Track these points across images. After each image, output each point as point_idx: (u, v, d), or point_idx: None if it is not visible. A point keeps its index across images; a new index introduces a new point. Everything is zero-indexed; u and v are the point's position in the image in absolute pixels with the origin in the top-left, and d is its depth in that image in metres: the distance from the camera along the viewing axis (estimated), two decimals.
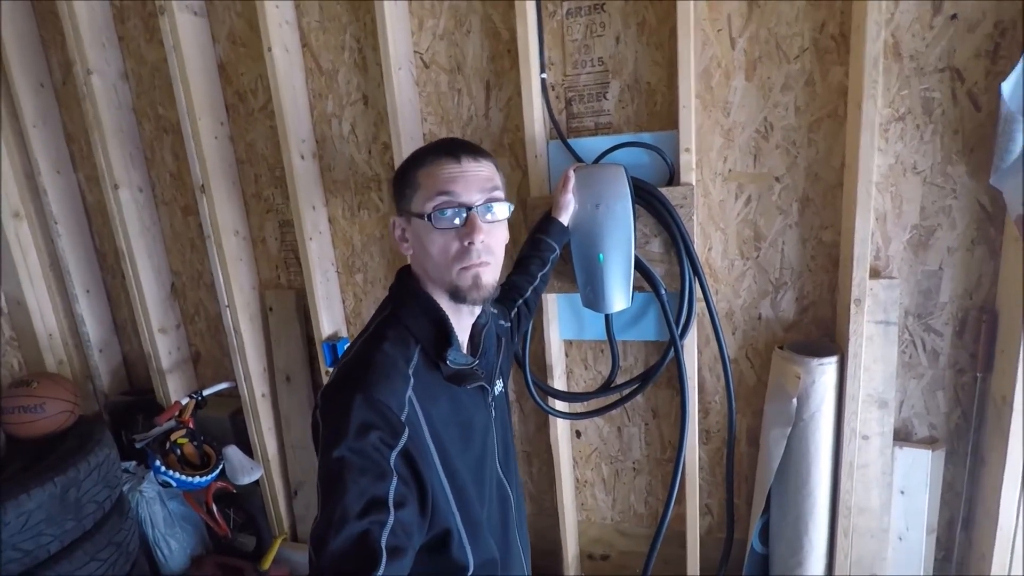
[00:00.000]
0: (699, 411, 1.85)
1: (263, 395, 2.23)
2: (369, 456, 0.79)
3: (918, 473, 1.69)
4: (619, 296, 1.65)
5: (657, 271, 1.70)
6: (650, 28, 1.66)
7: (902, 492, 1.72)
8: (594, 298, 1.68)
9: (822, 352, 1.64)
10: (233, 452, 2.12)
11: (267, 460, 2.25)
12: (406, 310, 0.94)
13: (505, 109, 1.84)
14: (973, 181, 1.53)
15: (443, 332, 0.92)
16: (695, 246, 1.66)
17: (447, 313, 0.94)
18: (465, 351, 1.01)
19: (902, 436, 1.73)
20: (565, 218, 1.61)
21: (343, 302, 2.18)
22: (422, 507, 0.84)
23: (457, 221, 0.89)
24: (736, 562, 1.90)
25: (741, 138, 1.66)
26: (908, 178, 1.57)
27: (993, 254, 1.56)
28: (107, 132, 2.10)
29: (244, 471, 2.09)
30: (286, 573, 2.17)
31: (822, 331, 1.73)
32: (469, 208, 0.90)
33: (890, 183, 1.58)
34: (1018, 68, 1.36)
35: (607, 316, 1.79)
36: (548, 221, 1.60)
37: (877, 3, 1.38)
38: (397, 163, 1.83)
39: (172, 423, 2.10)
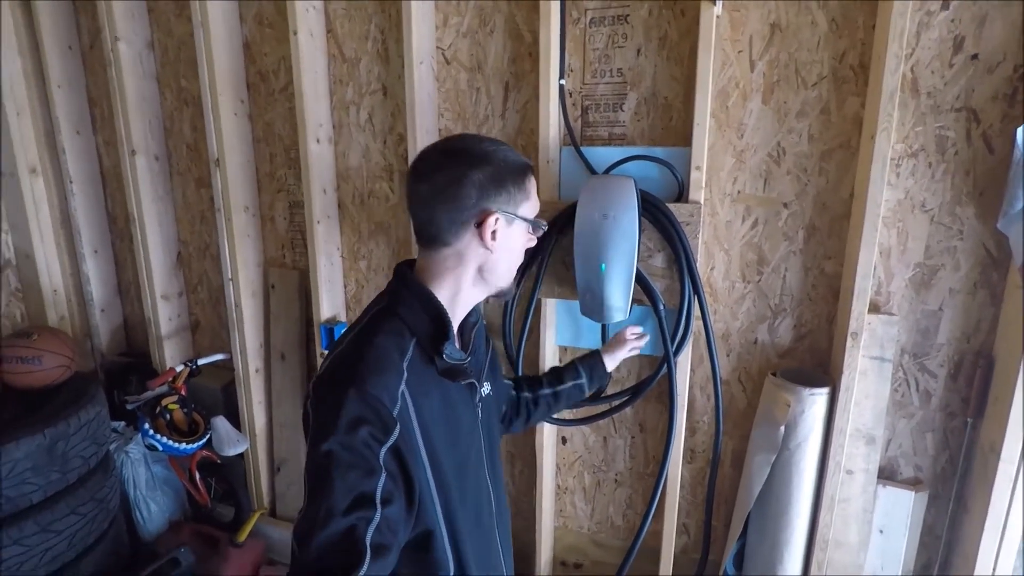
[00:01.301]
0: (687, 430, 1.84)
1: (257, 370, 2.25)
2: (358, 451, 0.78)
3: (899, 513, 1.68)
4: (618, 307, 1.65)
5: (658, 286, 1.70)
6: (671, 43, 1.66)
7: (881, 531, 1.71)
8: (593, 307, 1.68)
9: (814, 382, 1.64)
10: (221, 423, 2.14)
11: (254, 434, 2.27)
12: (404, 303, 0.94)
13: (522, 111, 1.85)
14: (980, 224, 1.52)
15: (441, 326, 0.92)
16: (698, 264, 1.67)
17: (448, 308, 0.95)
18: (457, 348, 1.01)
19: (887, 474, 1.71)
20: (611, 362, 1.56)
21: (345, 287, 2.19)
22: (408, 503, 0.84)
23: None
24: None
25: (753, 161, 1.66)
26: (916, 215, 1.57)
27: (994, 299, 1.54)
28: (129, 99, 2.13)
29: (230, 443, 2.11)
30: (261, 547, 2.18)
31: (816, 361, 1.72)
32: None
33: (898, 218, 1.58)
34: None
35: (604, 326, 1.79)
36: (592, 354, 1.55)
37: (898, 37, 1.38)
38: (411, 155, 1.84)
39: (165, 388, 2.12)
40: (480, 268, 0.96)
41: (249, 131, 2.18)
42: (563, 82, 1.76)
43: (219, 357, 2.26)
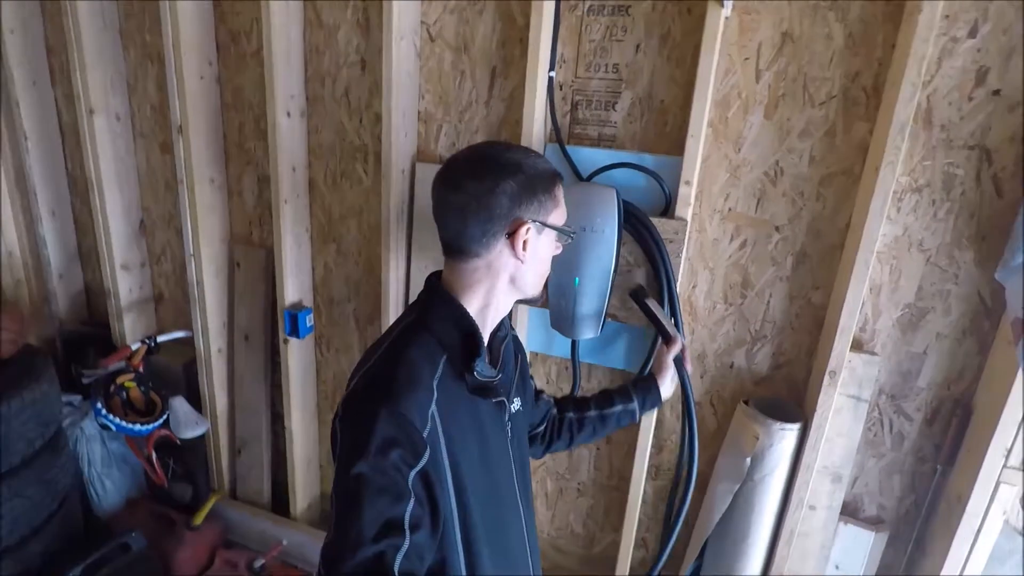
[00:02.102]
0: (653, 447, 1.80)
1: (219, 351, 2.17)
2: (389, 475, 0.77)
3: (857, 552, 1.66)
4: (589, 324, 1.57)
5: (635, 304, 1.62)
6: (674, 41, 1.53)
7: (837, 567, 1.69)
8: (562, 321, 1.60)
9: (787, 415, 1.58)
10: (179, 404, 2.07)
11: (215, 416, 2.21)
12: (436, 318, 0.92)
13: (508, 100, 1.72)
14: (978, 270, 1.44)
15: (473, 343, 0.90)
16: (679, 282, 1.58)
17: (478, 323, 0.94)
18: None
19: (849, 510, 1.68)
20: (665, 388, 1.45)
21: (312, 271, 2.09)
22: (434, 529, 0.82)
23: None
24: None
25: (748, 178, 1.55)
26: (912, 254, 1.48)
27: (982, 349, 1.48)
28: (87, 52, 1.97)
29: (188, 425, 2.05)
30: (219, 530, 2.16)
31: (792, 392, 1.66)
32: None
33: (892, 255, 1.49)
34: None
35: (574, 341, 1.72)
36: (646, 378, 1.45)
37: (917, 63, 1.26)
38: (388, 137, 1.72)
39: (122, 364, 2.04)
40: (511, 279, 0.95)
41: (217, 96, 2.02)
42: (553, 73, 1.62)
43: (180, 335, 2.18)
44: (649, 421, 1.70)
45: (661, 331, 1.42)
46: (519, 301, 1.02)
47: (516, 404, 1.05)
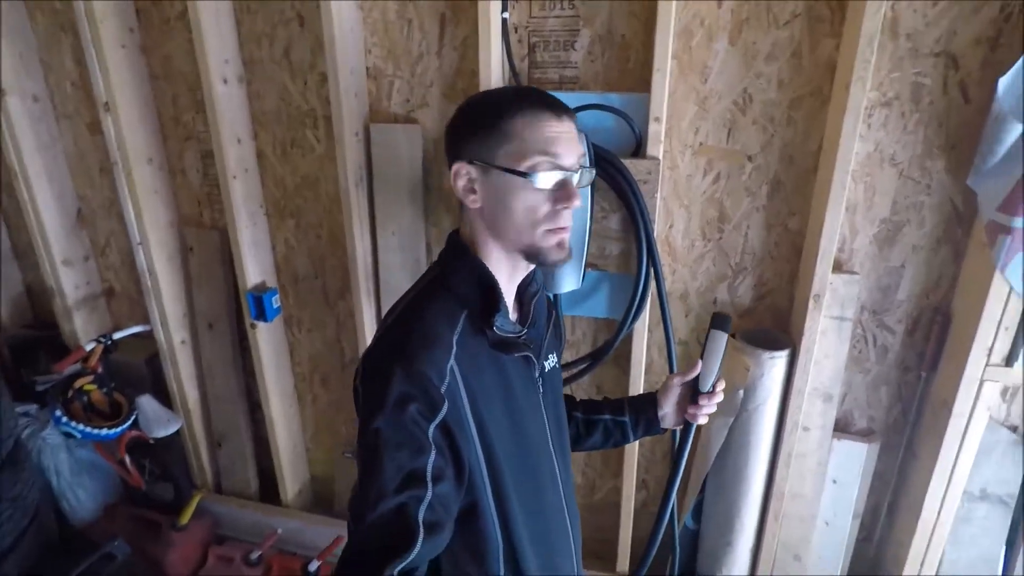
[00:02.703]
0: (645, 390, 1.79)
1: (182, 341, 2.06)
2: (407, 429, 0.77)
3: (852, 465, 1.71)
4: (569, 276, 1.53)
5: (612, 249, 1.59)
6: None
7: (834, 481, 1.74)
8: (546, 279, 1.55)
9: (774, 343, 1.59)
10: (147, 402, 1.96)
11: (187, 410, 2.11)
12: (454, 273, 0.90)
13: (460, 48, 1.62)
14: (950, 178, 1.45)
15: (491, 297, 0.87)
16: (656, 223, 1.55)
17: (499, 277, 0.89)
18: (514, 319, 0.94)
19: (841, 427, 1.72)
20: (668, 414, 1.14)
21: (273, 248, 1.99)
22: (459, 479, 0.82)
23: (557, 183, 0.83)
24: (668, 536, 1.91)
25: (717, 109, 1.52)
26: (885, 169, 1.48)
27: (956, 256, 1.50)
28: None
29: (159, 423, 1.95)
30: (208, 527, 2.08)
31: (776, 320, 1.67)
32: (568, 171, 0.83)
33: (865, 172, 1.48)
34: (1017, 66, 1.25)
35: (554, 295, 1.67)
36: (645, 395, 1.20)
37: None
38: (336, 98, 1.61)
39: (78, 367, 1.92)
40: (488, 228, 0.88)
41: (144, 67, 1.86)
42: (506, 16, 1.53)
43: (138, 329, 2.05)
44: (640, 367, 1.68)
45: (703, 375, 1.07)
46: (532, 260, 0.88)
47: (551, 361, 1.01)
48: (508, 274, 0.90)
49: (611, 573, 1.94)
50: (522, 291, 0.97)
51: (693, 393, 1.08)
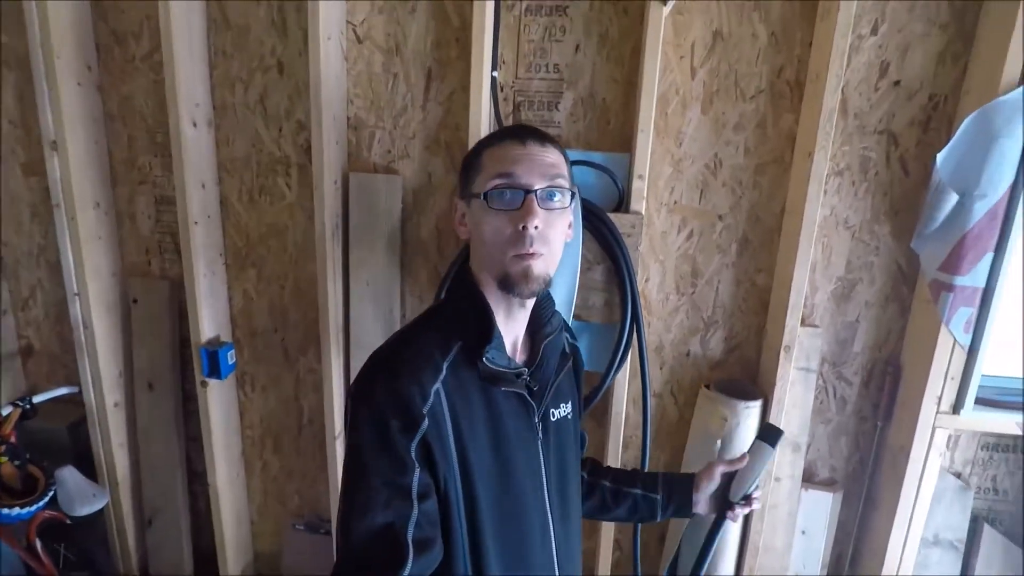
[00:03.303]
0: (622, 443, 1.79)
1: (116, 404, 1.85)
2: (389, 445, 0.77)
3: (819, 514, 1.76)
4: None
5: (596, 300, 1.62)
6: (612, 42, 1.56)
7: (803, 532, 1.78)
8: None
9: (745, 394, 1.64)
10: (70, 475, 1.72)
11: (115, 483, 1.87)
12: (454, 302, 0.93)
13: (446, 103, 1.66)
14: (895, 241, 1.60)
15: (485, 328, 0.86)
16: None
17: (496, 310, 0.89)
18: (518, 359, 0.94)
19: (806, 478, 1.78)
20: (702, 502, 1.12)
21: (230, 300, 1.86)
22: (439, 497, 0.82)
23: (513, 204, 0.83)
24: None
25: (690, 171, 1.62)
26: (839, 231, 1.62)
27: (903, 312, 1.64)
28: None
29: (83, 499, 1.70)
30: None
31: (746, 371, 1.74)
32: (528, 191, 0.82)
33: (823, 234, 1.62)
34: (951, 143, 1.43)
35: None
36: (683, 476, 1.16)
37: (839, 57, 1.39)
38: (318, 145, 1.58)
39: None
40: (475, 259, 0.91)
41: (99, 106, 1.75)
42: (495, 74, 1.59)
43: (64, 391, 1.82)
44: (619, 418, 1.69)
45: (739, 480, 1.06)
46: (504, 289, 0.86)
47: (562, 411, 0.98)
48: (506, 308, 0.90)
49: None
50: (535, 332, 0.96)
51: (727, 485, 1.06)
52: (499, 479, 0.86)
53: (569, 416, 1.01)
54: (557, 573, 0.96)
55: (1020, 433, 1.56)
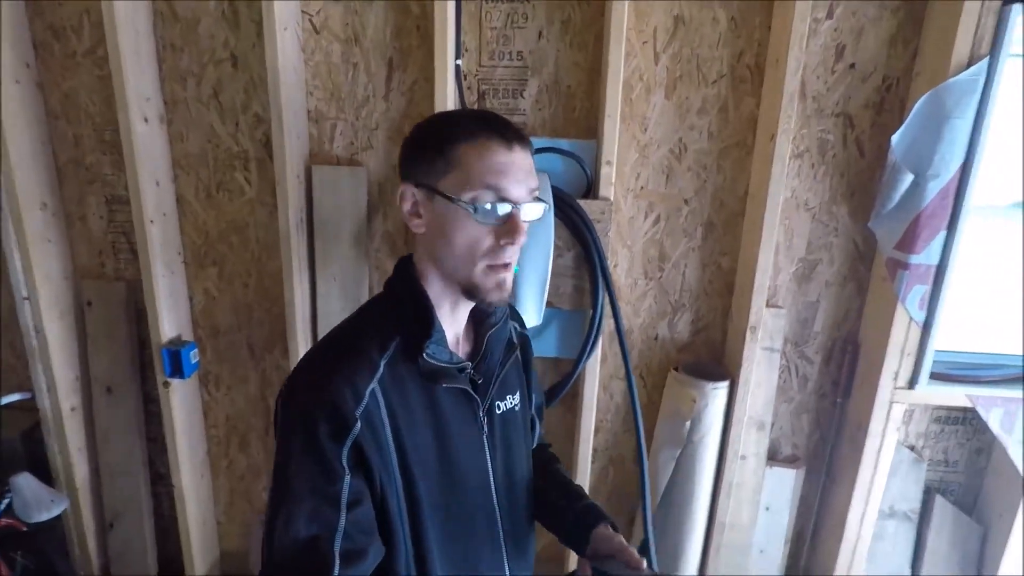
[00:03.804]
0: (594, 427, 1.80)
1: (72, 409, 1.78)
2: (319, 452, 0.74)
3: (783, 490, 1.81)
4: (531, 312, 1.54)
5: (566, 286, 1.62)
6: (575, 28, 1.55)
7: (767, 508, 1.83)
8: (518, 315, 1.55)
9: (712, 375, 1.68)
10: (26, 481, 1.65)
11: (74, 488, 1.80)
12: (394, 297, 0.88)
13: (408, 93, 1.63)
14: (852, 222, 1.65)
15: (425, 324, 0.82)
16: None
17: (439, 305, 0.85)
18: (462, 353, 0.91)
19: (769, 455, 1.83)
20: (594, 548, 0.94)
21: (191, 299, 1.80)
22: (372, 501, 0.78)
23: (500, 217, 0.78)
24: None
25: (656, 156, 1.63)
26: (800, 213, 1.65)
27: (861, 291, 1.69)
28: None
29: (41, 505, 1.64)
30: None
31: (712, 353, 1.77)
32: (515, 205, 0.78)
33: (785, 216, 1.65)
34: (906, 124, 1.47)
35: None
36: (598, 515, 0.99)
37: (799, 41, 1.41)
38: (279, 139, 1.54)
39: None
40: (430, 256, 0.85)
41: (41, 105, 1.66)
42: (459, 63, 1.57)
43: (15, 397, 1.74)
44: (591, 403, 1.70)
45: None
46: (471, 297, 0.84)
47: (508, 402, 0.95)
48: (452, 302, 0.87)
49: None
50: (479, 323, 0.93)
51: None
52: (442, 479, 0.84)
53: (516, 408, 0.97)
54: (507, 571, 0.94)
55: (970, 405, 1.63)
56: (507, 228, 0.78)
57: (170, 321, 1.71)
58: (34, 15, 1.62)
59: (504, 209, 0.78)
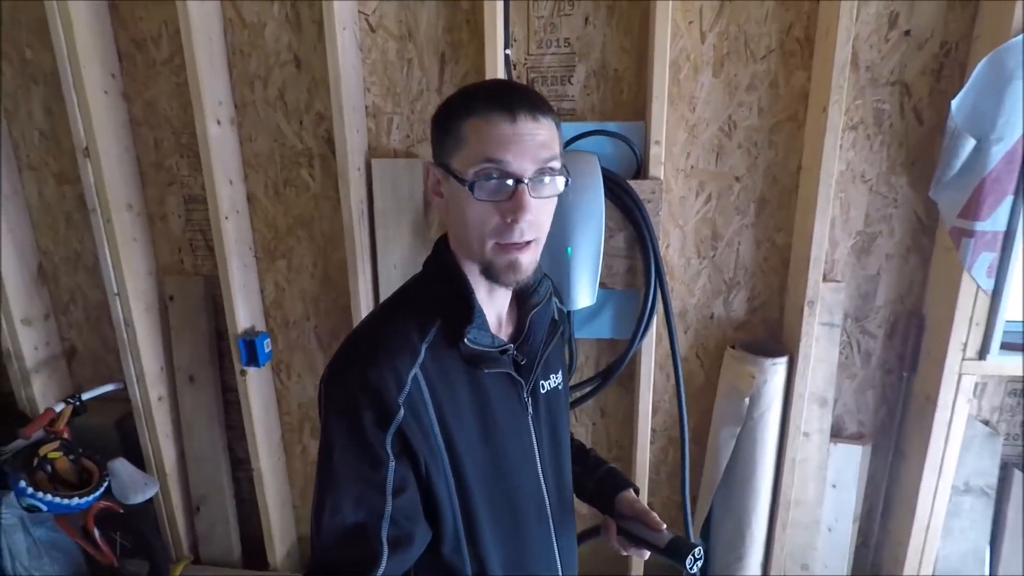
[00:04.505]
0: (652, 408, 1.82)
1: (160, 398, 1.92)
2: (363, 440, 0.73)
3: (850, 467, 1.79)
4: (585, 292, 1.57)
5: (619, 267, 1.65)
6: (620, 12, 1.58)
7: (834, 486, 1.81)
8: (558, 293, 1.59)
9: (771, 352, 1.67)
10: (122, 466, 1.79)
11: (164, 473, 1.94)
12: (432, 278, 0.86)
13: (461, 85, 1.68)
14: (913, 192, 1.61)
15: (466, 307, 0.80)
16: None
17: (477, 287, 0.82)
18: (504, 334, 0.88)
19: (834, 432, 1.81)
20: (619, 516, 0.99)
21: (262, 292, 1.92)
22: (419, 488, 0.77)
23: (502, 193, 0.74)
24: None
25: (705, 135, 1.64)
26: (856, 185, 1.63)
27: (924, 262, 1.66)
28: None
29: (136, 488, 1.78)
30: None
31: (769, 331, 1.77)
32: (519, 180, 0.73)
33: (840, 189, 1.63)
34: (966, 88, 1.44)
35: (568, 312, 1.71)
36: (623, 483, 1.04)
37: (849, 7, 1.40)
38: (341, 135, 1.63)
39: (41, 434, 1.74)
40: (452, 235, 0.83)
41: (125, 112, 1.81)
42: (508, 52, 1.62)
43: (110, 388, 1.89)
44: (648, 383, 1.72)
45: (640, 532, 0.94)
46: (487, 278, 0.81)
47: (552, 382, 0.94)
48: (488, 284, 0.82)
49: None
50: (522, 302, 0.91)
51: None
52: (489, 460, 0.83)
53: (560, 386, 0.97)
54: (555, 545, 0.94)
55: None
56: (511, 205, 0.73)
57: (244, 313, 1.82)
58: (118, 28, 1.76)
59: (506, 185, 0.73)
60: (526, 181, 0.73)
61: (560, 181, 0.78)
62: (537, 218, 0.76)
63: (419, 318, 0.80)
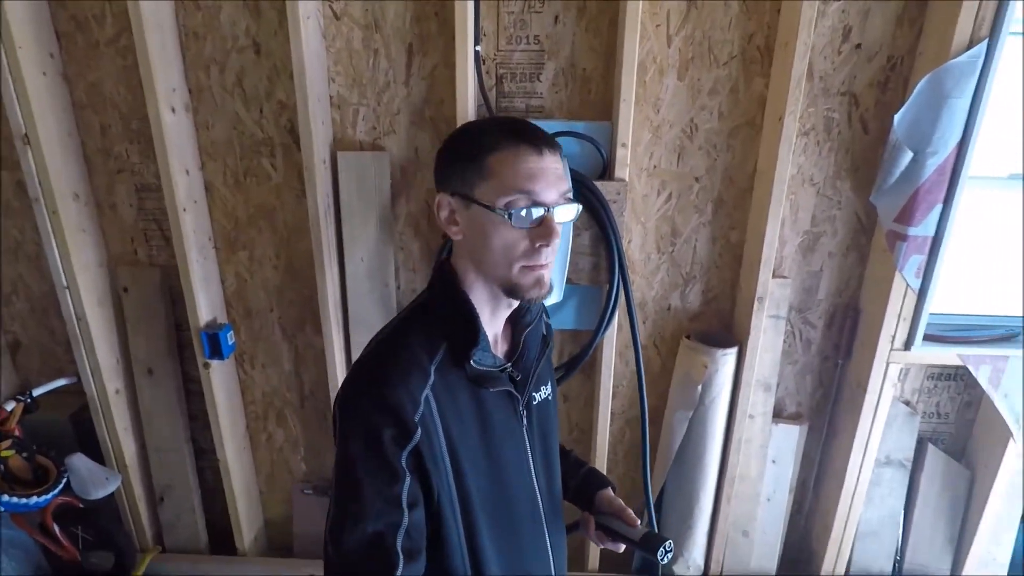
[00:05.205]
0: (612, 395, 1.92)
1: (117, 391, 1.87)
2: (382, 456, 0.78)
3: (788, 445, 1.95)
4: (553, 290, 1.63)
5: (584, 264, 1.71)
6: (590, 13, 1.60)
7: (773, 461, 1.97)
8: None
9: (722, 343, 1.79)
10: (80, 461, 1.76)
11: (124, 466, 1.91)
12: (438, 303, 0.91)
13: (428, 78, 1.67)
14: (855, 196, 1.73)
15: (471, 331, 0.86)
16: None
17: (481, 310, 0.89)
18: (500, 352, 0.95)
19: (776, 413, 1.96)
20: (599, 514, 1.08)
21: (222, 283, 1.88)
22: (428, 507, 0.83)
23: (532, 222, 0.81)
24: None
25: (668, 136, 1.70)
26: (806, 188, 1.74)
27: (862, 261, 1.79)
28: None
29: (97, 483, 1.75)
30: None
31: (721, 322, 1.88)
32: (547, 208, 0.81)
33: (791, 191, 1.73)
34: (908, 103, 1.55)
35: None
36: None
37: (807, 25, 1.47)
38: (305, 125, 1.59)
39: None
40: (471, 260, 0.88)
41: (67, 95, 1.69)
42: (479, 48, 1.61)
43: (62, 382, 1.83)
44: (608, 370, 1.81)
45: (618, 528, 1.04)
46: (512, 296, 0.87)
47: (542, 393, 1.01)
48: (492, 306, 0.90)
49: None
50: (515, 321, 0.97)
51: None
52: (490, 472, 0.89)
53: (549, 397, 1.04)
54: (548, 544, 1.01)
55: (961, 363, 1.76)
56: (541, 231, 0.81)
57: (206, 305, 1.79)
58: (57, 6, 1.63)
59: (538, 213, 0.81)
60: (553, 210, 0.82)
61: (575, 208, 0.87)
62: (557, 241, 0.84)
63: (427, 340, 0.86)
